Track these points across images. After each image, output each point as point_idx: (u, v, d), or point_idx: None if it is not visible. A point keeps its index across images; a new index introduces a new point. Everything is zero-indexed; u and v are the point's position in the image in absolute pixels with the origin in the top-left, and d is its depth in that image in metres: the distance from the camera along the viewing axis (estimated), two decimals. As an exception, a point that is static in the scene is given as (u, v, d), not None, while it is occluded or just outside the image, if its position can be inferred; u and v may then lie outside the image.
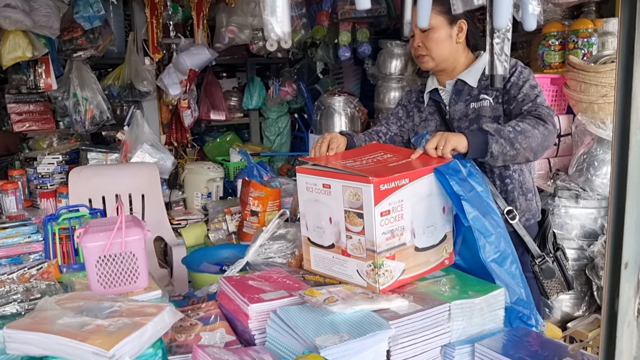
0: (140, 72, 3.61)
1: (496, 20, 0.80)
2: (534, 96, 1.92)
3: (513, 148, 1.75)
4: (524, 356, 1.32)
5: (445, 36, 2.01)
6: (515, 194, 2.03)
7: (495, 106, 1.99)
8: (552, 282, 2.01)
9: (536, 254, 2.00)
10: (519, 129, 1.77)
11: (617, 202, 1.09)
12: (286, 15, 0.68)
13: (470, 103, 2.04)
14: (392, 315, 1.34)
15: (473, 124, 2.02)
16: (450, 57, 2.06)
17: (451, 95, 2.10)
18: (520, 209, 2.03)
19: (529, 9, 0.80)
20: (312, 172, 1.59)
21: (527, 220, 2.05)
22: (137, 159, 3.53)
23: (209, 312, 1.58)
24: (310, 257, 1.65)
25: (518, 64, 2.00)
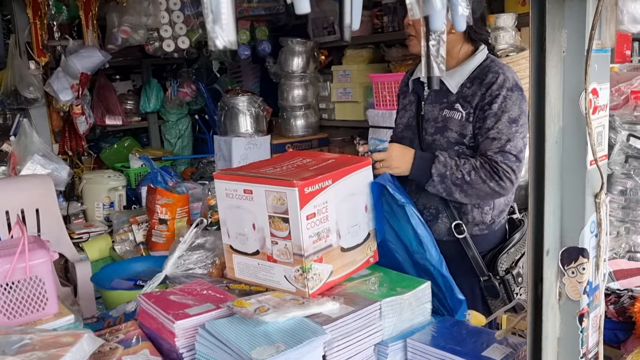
0: (25, 78, 3.34)
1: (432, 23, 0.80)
2: (506, 139, 1.79)
3: (449, 194, 1.81)
4: (453, 346, 1.36)
5: None
6: (468, 206, 1.92)
7: (465, 123, 1.87)
8: (496, 302, 1.92)
9: (480, 272, 1.92)
10: (467, 179, 1.78)
11: (536, 193, 1.14)
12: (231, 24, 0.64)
13: (444, 109, 1.91)
14: (324, 319, 1.32)
15: (438, 133, 1.91)
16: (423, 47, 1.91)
17: (430, 92, 1.98)
18: (474, 221, 1.94)
19: (459, 10, 0.81)
20: (231, 178, 1.53)
21: (481, 230, 1.96)
22: (28, 171, 3.28)
23: (129, 333, 1.48)
24: (233, 265, 1.60)
25: (504, 86, 1.82)
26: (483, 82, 1.85)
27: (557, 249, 1.18)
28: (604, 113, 1.16)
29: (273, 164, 1.62)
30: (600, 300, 1.22)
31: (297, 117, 3.90)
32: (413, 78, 2.06)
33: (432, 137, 1.92)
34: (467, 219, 1.93)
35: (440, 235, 1.93)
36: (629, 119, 2.31)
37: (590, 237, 1.17)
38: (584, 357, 1.20)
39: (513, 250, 1.95)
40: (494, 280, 1.90)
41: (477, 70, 1.89)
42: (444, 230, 1.95)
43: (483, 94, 1.83)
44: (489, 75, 1.85)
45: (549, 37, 1.08)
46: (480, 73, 1.88)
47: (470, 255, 1.90)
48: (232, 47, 0.68)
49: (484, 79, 1.85)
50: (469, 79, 1.89)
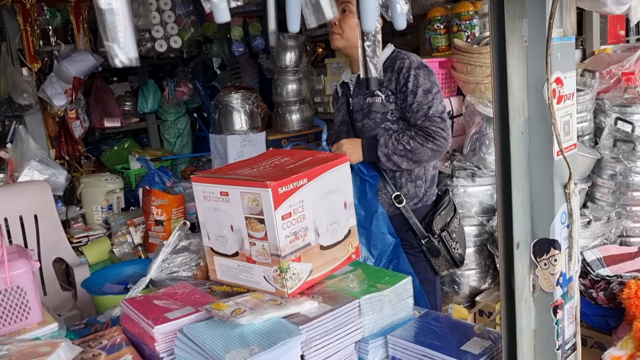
0: (18, 85, 3.35)
1: (364, 24, 0.79)
2: (427, 107, 2.06)
3: (400, 166, 2.09)
4: (433, 341, 1.35)
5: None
6: (402, 180, 2.18)
7: (386, 104, 2.13)
8: (440, 260, 2.18)
9: (421, 234, 2.17)
10: (409, 148, 2.05)
11: (504, 186, 1.13)
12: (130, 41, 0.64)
13: (367, 97, 2.18)
14: (302, 319, 1.32)
15: (365, 118, 2.19)
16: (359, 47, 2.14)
17: (354, 88, 2.26)
18: (408, 194, 2.19)
19: (397, 8, 0.80)
20: (208, 181, 1.53)
21: (415, 204, 2.21)
22: (25, 177, 3.30)
23: (112, 338, 1.48)
24: (215, 267, 1.60)
25: (412, 67, 2.10)
26: (394, 69, 2.12)
27: (528, 241, 1.17)
28: (571, 102, 1.14)
29: (251, 164, 1.62)
30: (575, 291, 1.21)
31: (292, 112, 3.88)
32: (339, 82, 2.35)
33: (361, 123, 2.20)
34: (403, 192, 2.18)
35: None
36: (619, 102, 2.27)
37: (562, 228, 1.16)
38: (560, 349, 1.19)
39: (444, 212, 2.22)
40: (434, 240, 2.16)
41: (387, 61, 2.17)
42: (385, 204, 2.20)
43: (397, 79, 2.10)
44: (397, 62, 2.12)
45: (508, 27, 1.06)
46: (390, 63, 2.15)
47: (412, 222, 2.17)
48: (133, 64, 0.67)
49: (394, 67, 2.13)
50: (383, 69, 2.15)
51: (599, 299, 1.85)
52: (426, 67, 2.12)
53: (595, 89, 2.25)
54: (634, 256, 1.99)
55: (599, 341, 1.90)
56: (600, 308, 1.86)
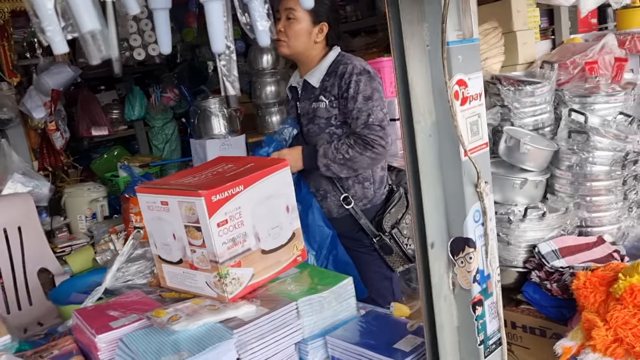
0: (-2, 99, 3.41)
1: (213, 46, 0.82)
2: (367, 114, 2.07)
3: (338, 174, 2.13)
4: (368, 340, 1.38)
5: (305, 32, 2.15)
6: (350, 182, 2.21)
7: (330, 109, 2.15)
8: (393, 257, 2.21)
9: (372, 234, 2.20)
10: (347, 157, 2.08)
11: (415, 187, 1.15)
12: None
13: (313, 102, 2.20)
14: (238, 323, 1.35)
15: (310, 123, 2.21)
16: (306, 52, 2.21)
17: (301, 92, 2.29)
18: (356, 196, 2.22)
19: (259, 27, 0.83)
20: (150, 191, 1.57)
21: (365, 205, 2.24)
22: (9, 190, 3.35)
23: (64, 348, 1.52)
24: (164, 274, 1.64)
25: (354, 72, 2.10)
26: (337, 74, 2.14)
27: (444, 240, 1.19)
28: (478, 102, 1.16)
29: (195, 172, 1.65)
30: (495, 287, 1.23)
31: (272, 113, 3.91)
32: (288, 86, 2.39)
33: (307, 128, 2.23)
34: (350, 194, 2.20)
35: (332, 213, 2.26)
36: (579, 92, 2.28)
37: (475, 226, 1.18)
38: (483, 344, 1.21)
39: (394, 210, 2.24)
40: (385, 238, 2.18)
41: (332, 65, 2.19)
42: (334, 206, 2.24)
43: (339, 84, 2.12)
44: (340, 67, 2.14)
45: (406, 31, 1.08)
46: (334, 67, 2.17)
47: (362, 222, 2.19)
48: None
49: (337, 71, 2.15)
50: (327, 74, 2.18)
51: (553, 291, 1.86)
52: (368, 73, 2.12)
53: (553, 81, 2.25)
54: (592, 246, 2.00)
55: (557, 332, 1.91)
56: (556, 299, 1.87)
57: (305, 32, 2.14)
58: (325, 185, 2.24)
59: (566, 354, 1.63)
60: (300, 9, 2.11)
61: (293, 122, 2.28)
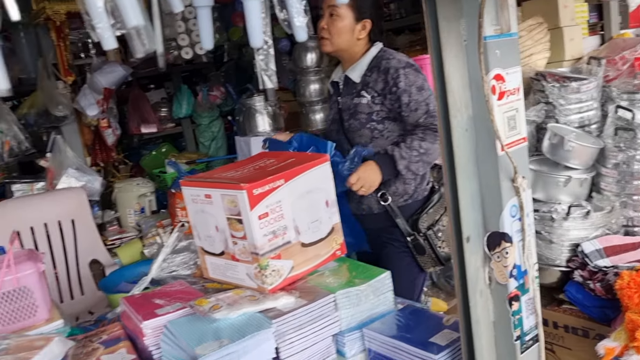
0: (54, 97, 3.56)
1: (251, 41, 0.85)
2: (425, 104, 2.07)
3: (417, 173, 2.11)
4: (404, 334, 1.39)
5: (348, 29, 2.16)
6: (391, 179, 2.17)
7: (372, 105, 2.15)
8: (424, 257, 2.19)
9: (406, 232, 2.19)
10: (422, 151, 2.04)
11: (450, 181, 1.16)
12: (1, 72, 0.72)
13: (354, 98, 2.21)
14: (277, 313, 1.39)
15: (351, 118, 2.22)
16: (349, 50, 2.22)
17: (343, 87, 2.29)
18: (397, 192, 2.20)
19: (296, 22, 0.85)
20: (194, 184, 1.62)
21: (405, 201, 2.22)
22: (64, 184, 3.49)
23: (112, 334, 1.60)
24: (207, 265, 1.69)
25: (399, 67, 2.10)
26: (380, 70, 2.14)
27: (480, 235, 1.19)
28: (516, 97, 1.16)
29: (237, 167, 1.69)
30: (532, 284, 1.22)
31: (315, 111, 3.94)
32: (330, 81, 2.38)
33: (347, 123, 2.22)
34: (391, 190, 2.18)
35: (372, 209, 2.24)
36: (627, 89, 2.22)
37: (512, 221, 1.18)
38: (519, 340, 1.21)
39: (432, 210, 2.22)
40: (419, 238, 2.16)
41: (373, 61, 2.19)
42: (374, 202, 2.22)
43: (385, 80, 2.11)
44: (383, 63, 2.15)
45: (443, 28, 1.09)
46: (376, 63, 2.18)
47: (397, 221, 2.18)
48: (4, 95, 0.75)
49: (380, 67, 2.15)
50: (369, 69, 2.18)
51: (597, 290, 1.83)
52: (413, 66, 2.13)
53: (600, 77, 2.20)
54: (638, 246, 1.95)
55: (600, 333, 1.88)
56: (599, 299, 1.84)
57: (348, 29, 2.16)
58: None
59: (609, 355, 1.61)
60: (343, 6, 2.13)
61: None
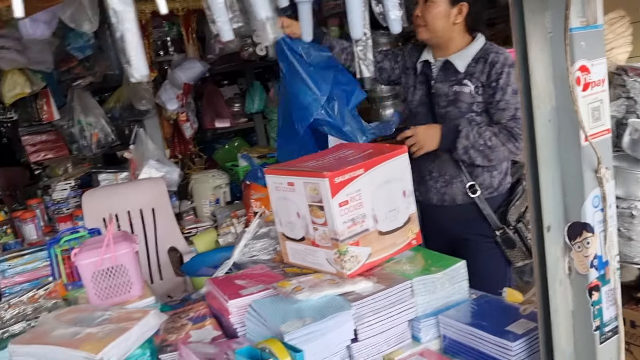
0: (138, 92, 3.77)
1: (353, 32, 0.90)
2: (514, 108, 2.06)
3: (473, 161, 2.09)
4: (480, 322, 1.42)
5: (444, 14, 2.12)
6: (479, 170, 2.18)
7: (474, 95, 2.13)
8: (514, 251, 2.17)
9: (495, 226, 2.18)
10: (489, 144, 2.05)
11: (532, 170, 1.18)
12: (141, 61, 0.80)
13: (454, 85, 2.17)
14: (356, 297, 1.45)
15: (450, 105, 2.18)
16: (445, 35, 2.17)
17: (438, 72, 2.24)
18: (484, 184, 2.19)
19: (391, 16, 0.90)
20: (277, 172, 1.71)
21: (490, 193, 2.21)
22: (145, 175, 3.69)
23: (198, 312, 1.71)
24: (287, 250, 1.77)
25: (506, 64, 2.08)
26: (487, 62, 2.12)
27: (561, 224, 1.21)
28: (601, 88, 1.17)
29: (318, 157, 1.77)
30: (612, 275, 1.23)
31: (386, 107, 3.99)
32: (421, 60, 2.30)
33: (444, 110, 2.19)
34: (478, 182, 2.18)
35: (456, 199, 2.23)
36: None
37: (594, 212, 1.19)
38: (599, 330, 1.22)
39: (519, 202, 2.20)
40: (509, 231, 2.15)
41: (480, 52, 2.16)
42: (459, 193, 2.22)
43: (489, 72, 2.10)
44: (491, 55, 2.12)
45: (529, 21, 1.12)
46: (483, 54, 2.15)
47: (486, 213, 2.17)
48: (145, 80, 0.84)
49: (487, 59, 2.12)
50: (474, 59, 2.16)
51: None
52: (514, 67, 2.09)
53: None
54: None
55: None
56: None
57: (443, 14, 2.12)
58: (451, 170, 2.21)
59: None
60: None
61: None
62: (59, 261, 2.08)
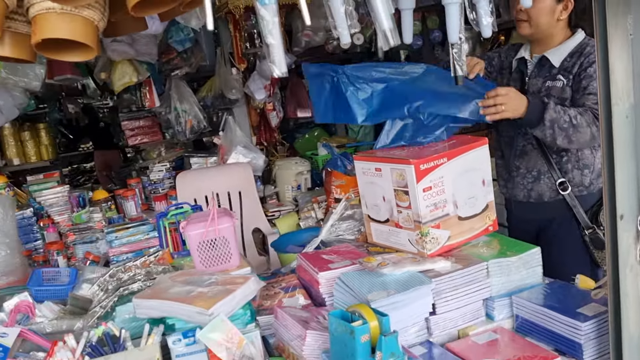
0: (228, 82, 4.01)
1: (450, 37, 1.03)
2: None
3: (554, 139, 1.98)
4: (553, 304, 1.52)
5: (549, 9, 2.09)
6: (569, 166, 2.15)
7: (566, 89, 2.10)
8: (603, 253, 2.03)
9: (585, 225, 2.13)
10: (574, 123, 1.95)
11: (608, 161, 1.28)
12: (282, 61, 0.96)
13: (547, 81, 2.15)
14: (435, 274, 1.59)
15: None
16: (547, 31, 2.14)
17: (533, 68, 2.23)
18: (573, 181, 2.15)
19: (483, 22, 1.02)
20: (366, 159, 1.86)
21: (580, 192, 2.17)
22: (233, 160, 3.94)
23: (289, 283, 1.89)
24: (371, 231, 1.92)
25: (592, 54, 2.06)
26: (582, 54, 2.11)
27: (634, 213, 1.30)
28: (679, 87, 1.24)
29: (403, 146, 1.91)
30: (684, 263, 1.30)
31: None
32: (517, 58, 2.29)
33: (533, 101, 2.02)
34: (567, 178, 2.15)
35: (543, 196, 2.21)
36: None
37: (668, 203, 1.26)
38: (668, 315, 1.30)
39: None
40: (599, 232, 2.09)
41: (577, 47, 2.14)
42: (547, 189, 2.20)
43: (581, 63, 2.08)
44: (587, 49, 2.11)
45: (611, 23, 1.21)
46: (579, 48, 2.13)
47: (576, 211, 2.13)
48: (284, 76, 1.00)
49: (583, 52, 2.11)
50: (570, 54, 2.14)
51: None
52: None
53: None
54: None
55: None
56: None
57: (548, 10, 2.08)
58: (540, 166, 2.18)
59: None
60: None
61: None
62: (167, 232, 2.32)
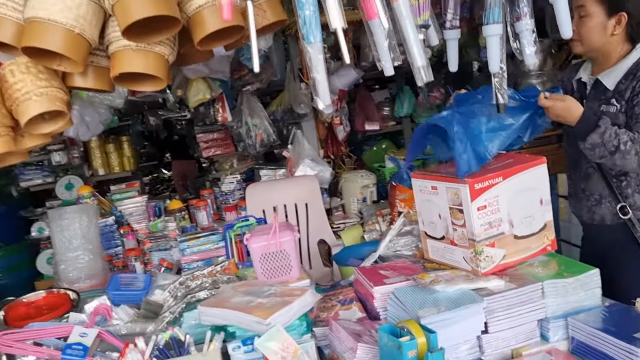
0: (297, 97, 4.13)
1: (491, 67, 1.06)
2: None
3: (595, 159, 1.97)
4: (610, 327, 1.50)
5: (599, 26, 2.01)
6: (629, 190, 2.08)
7: (619, 115, 2.01)
8: None
9: None
10: (622, 149, 1.89)
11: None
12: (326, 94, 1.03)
13: (602, 104, 2.07)
14: (488, 292, 1.60)
15: None
16: (602, 48, 2.06)
17: (590, 91, 2.16)
18: (635, 205, 2.08)
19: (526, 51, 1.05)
20: (423, 177, 1.90)
21: None
22: (300, 172, 4.04)
23: (346, 295, 1.96)
24: (427, 247, 1.96)
25: None
26: (635, 76, 2.00)
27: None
28: None
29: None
30: None
31: (532, 83, 3.95)
32: (576, 78, 2.22)
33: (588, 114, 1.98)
34: (628, 203, 2.07)
35: (605, 220, 2.16)
36: None
37: None
38: None
39: None
40: None
41: (633, 66, 2.03)
42: (608, 214, 2.14)
43: (634, 87, 1.98)
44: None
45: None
46: (634, 69, 2.02)
47: (638, 236, 2.05)
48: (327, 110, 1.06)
49: (636, 74, 2.00)
50: (625, 75, 2.03)
51: None
52: None
53: None
54: None
55: None
56: None
57: (599, 27, 2.00)
58: (601, 190, 2.14)
59: None
60: (591, 4, 1.98)
61: None
62: (233, 243, 2.44)
